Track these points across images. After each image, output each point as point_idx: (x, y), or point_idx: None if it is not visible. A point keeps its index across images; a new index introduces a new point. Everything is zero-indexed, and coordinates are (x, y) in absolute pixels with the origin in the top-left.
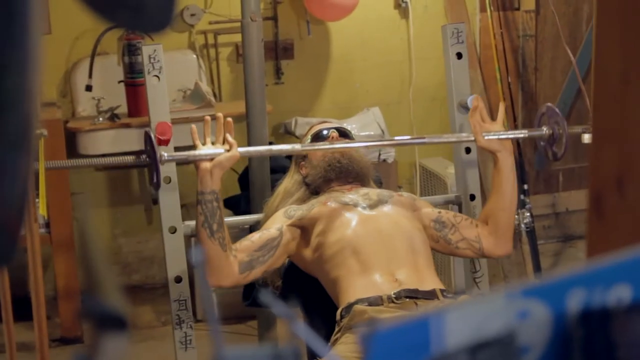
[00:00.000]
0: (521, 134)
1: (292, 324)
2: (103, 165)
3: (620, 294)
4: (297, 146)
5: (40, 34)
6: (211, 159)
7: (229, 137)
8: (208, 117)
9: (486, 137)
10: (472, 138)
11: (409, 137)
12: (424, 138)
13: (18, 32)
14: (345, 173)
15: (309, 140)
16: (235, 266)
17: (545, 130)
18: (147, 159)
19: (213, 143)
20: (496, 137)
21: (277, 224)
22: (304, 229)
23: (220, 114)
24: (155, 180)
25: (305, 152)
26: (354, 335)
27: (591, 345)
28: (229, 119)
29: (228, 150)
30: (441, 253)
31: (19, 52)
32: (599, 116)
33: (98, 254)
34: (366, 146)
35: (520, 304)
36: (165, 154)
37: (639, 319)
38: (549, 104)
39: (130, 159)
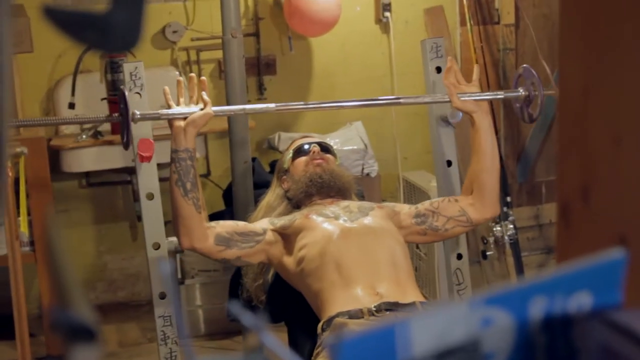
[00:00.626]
0: (497, 95)
1: (261, 335)
2: (75, 123)
3: (580, 301)
4: (271, 105)
5: (11, 53)
6: (185, 117)
7: (204, 95)
8: (180, 79)
9: (462, 99)
10: (448, 99)
11: (386, 97)
12: (399, 99)
13: None
14: (326, 188)
15: (290, 155)
16: (211, 235)
17: (521, 91)
18: (120, 117)
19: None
20: (472, 98)
21: (262, 225)
22: (286, 238)
23: (193, 74)
24: (125, 139)
25: (279, 110)
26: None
27: (553, 351)
28: (203, 78)
29: (202, 109)
30: (435, 242)
31: None
32: (563, 128)
33: (67, 267)
34: (343, 107)
35: (484, 312)
36: (138, 112)
37: (599, 325)
38: (526, 65)
39: (102, 118)
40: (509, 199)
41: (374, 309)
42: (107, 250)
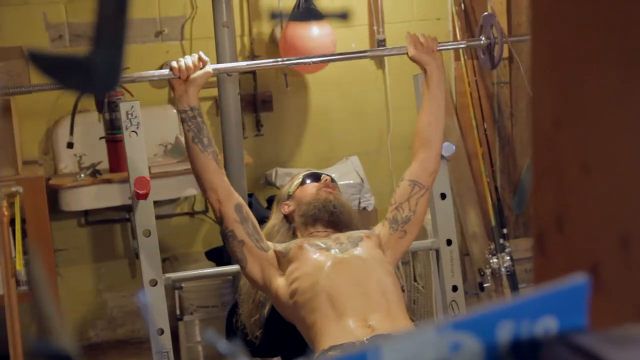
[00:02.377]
0: (460, 44)
1: None
2: (52, 90)
3: (546, 325)
4: (269, 60)
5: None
6: (168, 80)
7: (202, 55)
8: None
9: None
10: (406, 51)
11: (351, 52)
12: (365, 52)
13: None
14: (334, 220)
15: (300, 180)
16: (234, 198)
17: (483, 39)
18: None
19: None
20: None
21: (268, 243)
22: (281, 266)
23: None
24: (99, 104)
25: (279, 65)
26: None
27: None
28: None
29: (202, 68)
30: (418, 231)
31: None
32: (537, 159)
33: (48, 299)
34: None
35: (452, 337)
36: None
37: (564, 348)
38: (487, 12)
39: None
40: (505, 230)
41: (367, 342)
42: (107, 288)
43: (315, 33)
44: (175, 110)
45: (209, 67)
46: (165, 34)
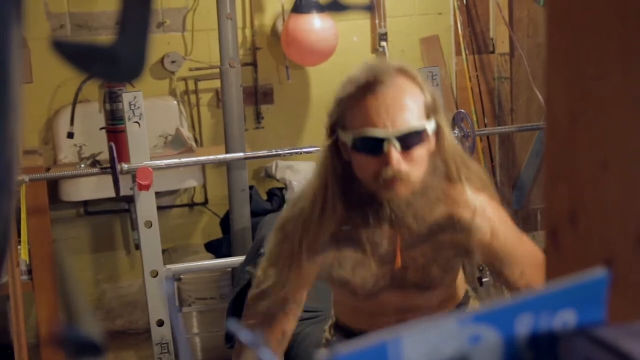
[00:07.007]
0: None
1: (259, 351)
2: (73, 176)
3: (565, 318)
4: None
5: (22, 82)
6: None
7: None
8: None
9: None
10: None
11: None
12: None
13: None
14: (391, 224)
15: (350, 142)
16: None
17: (457, 132)
18: (110, 170)
19: None
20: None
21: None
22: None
23: None
24: (116, 190)
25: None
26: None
27: None
28: None
29: None
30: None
31: (0, 99)
32: (551, 155)
33: (75, 285)
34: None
35: (472, 330)
36: (126, 166)
37: (583, 340)
38: (461, 110)
39: (95, 171)
40: None
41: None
42: (105, 279)
43: (317, 26)
44: (176, 102)
45: None
46: (167, 25)
